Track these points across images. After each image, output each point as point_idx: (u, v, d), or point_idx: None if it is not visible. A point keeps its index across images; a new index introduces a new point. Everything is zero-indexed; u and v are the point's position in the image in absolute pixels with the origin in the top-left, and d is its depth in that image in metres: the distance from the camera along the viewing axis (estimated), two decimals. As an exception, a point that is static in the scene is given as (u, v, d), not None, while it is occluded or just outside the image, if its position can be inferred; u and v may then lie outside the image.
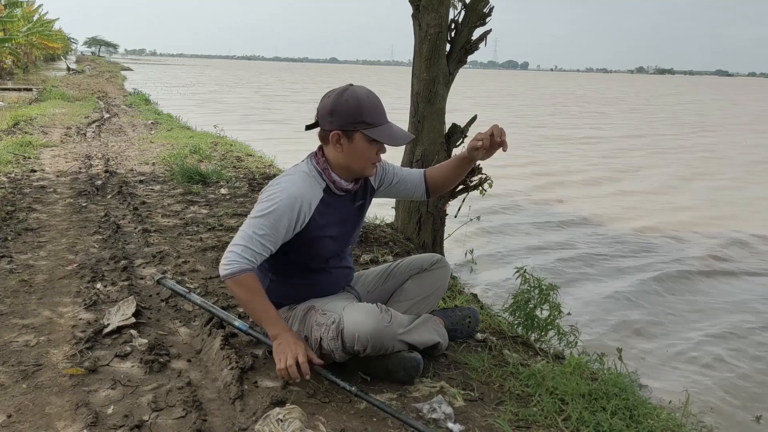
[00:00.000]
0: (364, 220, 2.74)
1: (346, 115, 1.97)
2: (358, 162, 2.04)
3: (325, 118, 2.01)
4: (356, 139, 2.00)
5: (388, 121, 2.04)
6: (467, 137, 3.93)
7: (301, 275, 2.17)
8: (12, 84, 21.76)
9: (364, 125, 1.98)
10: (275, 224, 1.97)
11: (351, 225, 2.20)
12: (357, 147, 2.00)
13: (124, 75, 38.90)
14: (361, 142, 2.00)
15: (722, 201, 8.92)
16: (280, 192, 1.99)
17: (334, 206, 2.09)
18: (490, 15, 3.96)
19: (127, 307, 2.58)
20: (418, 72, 3.96)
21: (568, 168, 11.28)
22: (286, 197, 1.97)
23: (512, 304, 2.88)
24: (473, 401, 2.03)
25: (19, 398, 1.95)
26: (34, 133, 8.93)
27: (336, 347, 1.99)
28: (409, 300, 2.33)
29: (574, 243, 6.46)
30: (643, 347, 4.00)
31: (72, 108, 13.53)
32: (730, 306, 4.84)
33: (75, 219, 4.28)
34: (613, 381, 2.16)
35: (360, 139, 2.00)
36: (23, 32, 23.18)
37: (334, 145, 2.02)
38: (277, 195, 1.99)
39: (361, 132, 1.98)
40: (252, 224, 1.99)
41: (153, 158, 7.20)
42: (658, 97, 46.25)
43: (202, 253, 3.54)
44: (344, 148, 2.01)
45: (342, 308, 2.03)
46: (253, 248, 1.97)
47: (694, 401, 2.88)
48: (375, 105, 2.01)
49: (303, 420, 1.73)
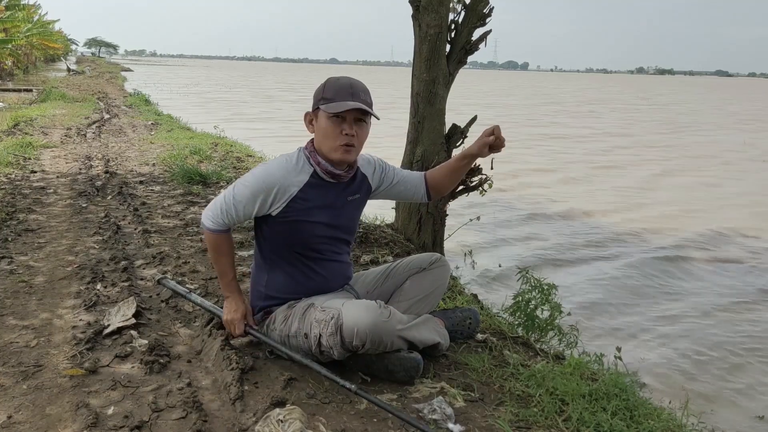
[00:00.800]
0: (363, 220, 2.75)
1: (315, 96, 2.10)
2: (325, 141, 2.08)
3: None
4: (320, 116, 2.07)
5: (349, 100, 2.02)
6: (467, 137, 3.93)
7: (296, 265, 2.19)
8: (12, 85, 21.77)
9: (324, 101, 2.05)
10: (251, 197, 2.08)
11: (341, 214, 2.21)
12: (321, 125, 2.07)
13: (124, 76, 38.93)
14: (322, 119, 2.06)
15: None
16: (262, 171, 2.12)
17: (320, 190, 2.14)
18: (490, 15, 3.96)
19: (127, 307, 2.58)
20: (418, 72, 3.96)
21: (568, 167, 11.28)
22: (264, 176, 2.09)
23: (513, 304, 2.88)
24: (473, 402, 2.03)
25: (19, 399, 1.95)
26: (35, 134, 8.94)
27: (335, 343, 1.99)
28: (409, 300, 2.34)
29: (574, 242, 6.46)
30: (643, 347, 4.00)
31: (72, 109, 13.53)
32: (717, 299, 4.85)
33: (75, 220, 4.28)
34: (614, 381, 2.16)
35: (321, 116, 2.07)
36: (23, 32, 23.19)
37: (308, 126, 2.15)
38: (259, 173, 2.11)
39: (320, 109, 2.06)
40: (235, 189, 2.12)
41: (153, 159, 7.20)
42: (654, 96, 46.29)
43: (203, 254, 3.54)
44: (315, 129, 2.11)
45: (341, 305, 2.04)
46: (230, 212, 2.12)
47: (694, 401, 2.88)
48: (340, 84, 2.05)
49: (303, 421, 1.73)
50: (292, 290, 2.20)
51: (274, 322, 2.19)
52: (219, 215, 2.13)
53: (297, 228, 2.12)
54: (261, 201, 2.08)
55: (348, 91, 2.04)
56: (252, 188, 2.08)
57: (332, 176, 2.13)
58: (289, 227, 2.12)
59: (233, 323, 2.23)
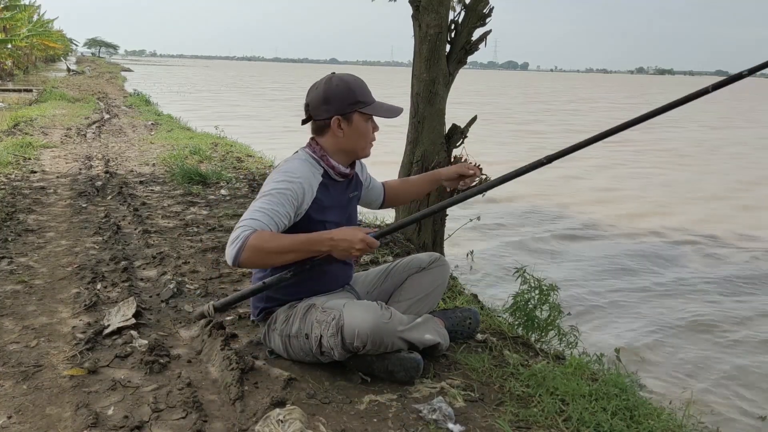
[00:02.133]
0: (363, 219, 2.77)
1: (340, 100, 2.07)
2: (360, 142, 2.13)
3: (319, 108, 2.10)
4: (355, 120, 2.09)
5: (377, 103, 2.15)
6: (467, 137, 3.93)
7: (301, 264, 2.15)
8: (12, 85, 21.78)
9: (361, 104, 2.09)
10: (282, 202, 1.98)
11: (346, 211, 2.24)
12: (357, 127, 2.10)
13: (124, 76, 38.93)
14: (360, 122, 2.10)
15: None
16: (285, 174, 2.03)
17: (333, 191, 2.16)
18: (490, 16, 3.96)
19: (127, 308, 2.58)
20: (418, 72, 3.96)
21: (565, 165, 11.27)
22: (290, 179, 2.02)
23: (512, 304, 2.88)
24: (473, 402, 2.03)
25: (19, 399, 1.95)
26: (35, 134, 8.94)
27: (335, 344, 1.99)
28: (408, 299, 2.33)
29: (574, 241, 6.46)
30: (645, 348, 4.00)
31: (72, 109, 13.54)
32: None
33: (75, 220, 4.28)
34: (614, 381, 2.16)
35: (358, 119, 2.10)
36: (24, 33, 23.19)
37: (336, 131, 2.10)
38: (283, 178, 2.02)
39: (358, 112, 2.09)
40: (259, 203, 1.97)
41: (153, 159, 7.20)
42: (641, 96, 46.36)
43: (203, 254, 3.54)
44: (345, 132, 2.10)
45: (342, 305, 2.03)
46: (259, 219, 1.93)
47: (694, 400, 2.88)
48: (363, 86, 2.13)
49: (303, 421, 1.73)
50: (294, 291, 2.19)
51: (275, 322, 2.18)
52: (257, 224, 1.92)
53: (308, 229, 2.09)
54: (296, 206, 2.04)
55: (369, 90, 2.14)
56: (291, 196, 2.00)
57: (343, 176, 2.17)
58: (300, 229, 2.09)
59: (364, 240, 1.95)
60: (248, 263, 1.91)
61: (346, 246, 1.96)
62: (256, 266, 2.05)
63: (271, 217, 1.95)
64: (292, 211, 2.01)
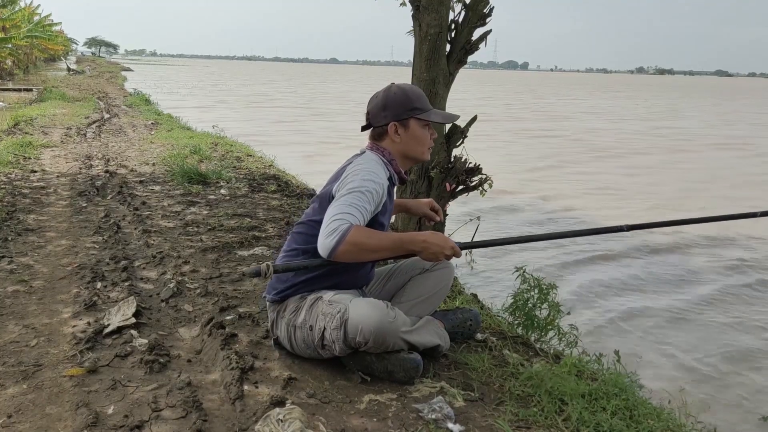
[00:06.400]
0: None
1: (397, 106, 2.17)
2: (417, 147, 2.21)
3: (378, 115, 2.20)
4: (411, 125, 2.19)
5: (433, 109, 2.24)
6: (467, 137, 3.92)
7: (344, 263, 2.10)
8: (12, 84, 21.77)
9: (417, 111, 2.18)
10: (370, 200, 2.02)
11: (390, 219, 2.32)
12: (414, 133, 2.19)
13: (124, 75, 38.93)
14: (416, 128, 2.19)
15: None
16: (371, 174, 2.07)
17: (391, 195, 2.23)
18: (490, 15, 3.95)
19: (127, 307, 2.58)
20: (418, 72, 3.95)
21: (563, 166, 11.29)
22: (376, 180, 2.07)
23: (512, 304, 2.88)
24: (473, 401, 2.03)
25: (19, 398, 1.95)
26: (35, 134, 8.94)
27: (338, 338, 2.00)
28: (411, 301, 2.34)
29: (574, 241, 6.46)
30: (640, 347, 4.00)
31: (72, 108, 13.54)
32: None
33: (75, 220, 4.28)
34: (613, 381, 2.16)
35: (415, 125, 2.19)
36: (23, 32, 23.20)
37: (393, 137, 2.18)
38: (370, 177, 2.06)
39: (414, 118, 2.18)
40: (350, 198, 1.99)
41: (153, 159, 7.20)
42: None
43: (203, 254, 3.54)
44: (402, 137, 2.19)
45: (349, 300, 2.04)
46: (354, 215, 1.96)
47: (694, 401, 2.88)
48: (420, 94, 2.22)
49: (303, 420, 1.73)
50: (318, 284, 2.17)
51: (285, 311, 2.18)
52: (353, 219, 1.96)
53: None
54: (376, 207, 2.09)
55: (426, 98, 2.23)
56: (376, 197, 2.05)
57: (402, 182, 2.26)
58: None
59: (453, 248, 2.05)
60: (344, 256, 1.93)
61: (437, 250, 2.04)
62: (350, 260, 1.99)
63: (363, 214, 2.00)
64: (374, 211, 2.06)
